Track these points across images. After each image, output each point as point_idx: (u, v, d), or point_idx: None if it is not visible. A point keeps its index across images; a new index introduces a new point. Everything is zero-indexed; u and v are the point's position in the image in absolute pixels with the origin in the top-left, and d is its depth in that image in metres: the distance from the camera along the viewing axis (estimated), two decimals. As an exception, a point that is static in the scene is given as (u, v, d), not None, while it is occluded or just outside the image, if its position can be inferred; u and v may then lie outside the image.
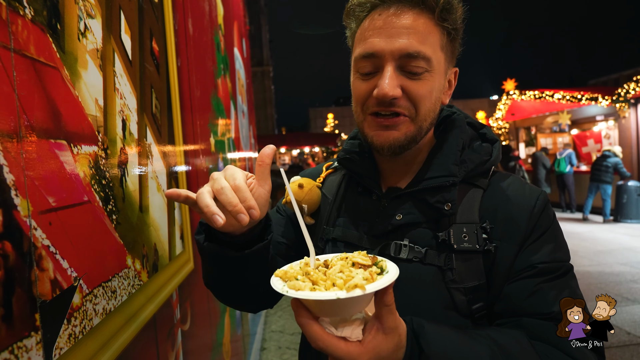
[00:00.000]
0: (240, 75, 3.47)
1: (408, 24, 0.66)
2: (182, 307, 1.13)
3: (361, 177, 0.79)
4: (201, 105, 1.61)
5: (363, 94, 0.70)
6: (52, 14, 0.55)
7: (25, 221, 0.46)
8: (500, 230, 0.69)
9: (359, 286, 0.47)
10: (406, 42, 0.65)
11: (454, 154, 0.74)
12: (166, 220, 1.03)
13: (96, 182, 0.64)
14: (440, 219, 0.71)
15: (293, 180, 0.84)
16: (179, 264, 1.12)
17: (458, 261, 0.68)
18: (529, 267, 0.67)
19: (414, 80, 0.67)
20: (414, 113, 0.69)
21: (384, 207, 0.75)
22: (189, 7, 1.50)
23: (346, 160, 0.81)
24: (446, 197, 0.70)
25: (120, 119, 0.77)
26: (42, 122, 0.51)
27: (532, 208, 0.70)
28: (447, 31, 0.69)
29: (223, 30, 2.49)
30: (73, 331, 0.54)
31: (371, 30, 0.68)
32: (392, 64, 0.66)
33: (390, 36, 0.66)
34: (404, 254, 0.70)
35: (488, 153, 0.76)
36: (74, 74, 0.60)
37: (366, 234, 0.75)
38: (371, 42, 0.67)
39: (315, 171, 0.91)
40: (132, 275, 0.77)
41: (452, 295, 0.67)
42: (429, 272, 0.69)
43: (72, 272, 0.55)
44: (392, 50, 0.66)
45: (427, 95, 0.68)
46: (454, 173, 0.71)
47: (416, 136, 0.71)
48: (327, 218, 0.82)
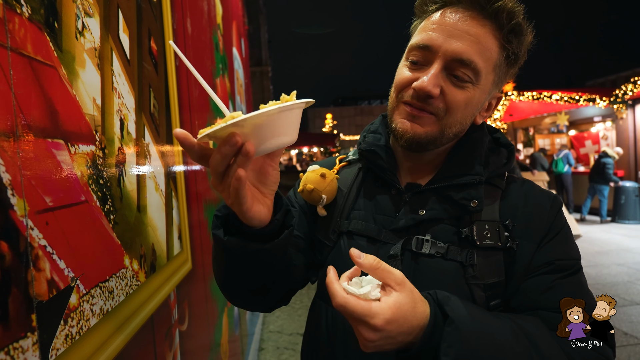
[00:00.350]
0: (239, 75, 3.46)
1: (472, 31, 0.66)
2: (180, 308, 1.12)
3: (383, 170, 0.79)
4: (200, 105, 1.60)
5: (404, 81, 0.70)
6: (49, 13, 0.54)
7: (22, 221, 0.45)
8: (520, 229, 0.70)
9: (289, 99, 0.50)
10: (462, 47, 0.65)
11: (480, 155, 0.75)
12: (164, 220, 1.02)
13: (93, 182, 0.64)
14: (462, 216, 0.71)
15: (312, 168, 0.82)
16: (177, 264, 1.11)
17: (479, 257, 0.68)
18: (547, 263, 0.69)
19: (456, 86, 0.67)
20: (442, 115, 0.69)
21: (406, 202, 0.75)
22: (187, 7, 1.50)
23: (369, 152, 0.80)
24: (472, 194, 0.71)
25: (118, 119, 0.77)
26: (39, 121, 0.51)
27: (549, 209, 0.72)
28: (507, 54, 0.69)
29: (222, 30, 2.48)
30: (70, 332, 0.53)
31: (435, 25, 0.68)
32: (441, 62, 0.66)
33: (450, 36, 0.66)
34: (426, 249, 0.70)
35: (505, 157, 0.78)
36: (72, 72, 0.60)
37: (385, 228, 0.75)
38: (430, 35, 0.68)
39: (329, 162, 0.90)
40: (130, 275, 0.76)
41: (472, 291, 0.68)
42: (450, 268, 0.69)
43: (69, 272, 0.54)
44: (446, 50, 0.66)
45: (461, 105, 0.68)
46: (480, 172, 0.72)
47: (437, 139, 0.71)
48: (340, 210, 0.81)
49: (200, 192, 1.51)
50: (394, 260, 0.70)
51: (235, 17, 3.47)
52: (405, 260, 0.71)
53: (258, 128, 0.49)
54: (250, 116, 0.47)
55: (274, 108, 0.48)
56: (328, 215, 0.82)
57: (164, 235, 1.01)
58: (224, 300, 1.87)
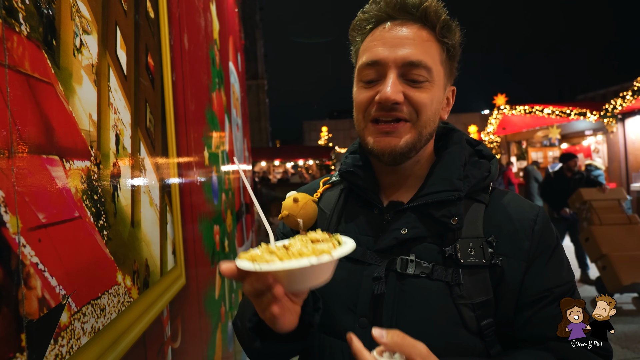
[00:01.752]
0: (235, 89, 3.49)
1: (411, 36, 0.70)
2: (173, 324, 1.11)
3: (364, 190, 0.79)
4: (195, 119, 1.61)
5: (365, 101, 0.72)
6: (48, 31, 0.55)
7: (14, 238, 0.45)
8: (505, 246, 0.70)
9: (326, 252, 0.53)
10: (409, 51, 0.69)
11: (458, 169, 0.74)
12: (158, 234, 1.02)
13: (88, 198, 0.63)
14: (445, 234, 0.71)
15: (289, 195, 0.84)
16: (170, 280, 1.10)
17: (465, 276, 0.68)
18: (546, 291, 0.69)
19: (415, 88, 0.70)
20: (415, 118, 0.70)
21: (388, 221, 0.75)
22: (185, 23, 1.52)
23: (348, 173, 0.81)
24: (452, 211, 0.70)
25: (114, 134, 0.77)
26: (35, 138, 0.51)
27: (534, 224, 0.72)
28: (447, 48, 0.73)
29: (218, 44, 2.51)
30: (60, 351, 0.52)
31: (376, 41, 0.71)
32: (394, 71, 0.69)
33: (393, 45, 0.69)
34: (411, 269, 0.69)
35: (487, 169, 0.77)
36: (68, 89, 0.60)
37: (369, 249, 0.74)
38: (375, 51, 0.70)
39: (312, 187, 0.91)
40: (122, 292, 0.75)
41: (460, 311, 0.67)
42: (436, 288, 0.68)
43: (60, 290, 0.54)
44: (395, 58, 0.69)
45: (428, 103, 0.71)
46: (459, 187, 0.72)
47: (416, 143, 0.72)
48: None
49: (195, 206, 1.51)
50: (378, 282, 0.69)
51: (232, 32, 3.52)
52: (391, 282, 0.70)
53: (291, 275, 0.53)
54: (284, 269, 0.51)
55: (307, 266, 0.51)
56: None
57: (157, 250, 1.00)
58: (218, 316, 1.84)
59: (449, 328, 0.67)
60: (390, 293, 0.70)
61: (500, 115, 11.19)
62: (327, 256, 0.51)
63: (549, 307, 0.68)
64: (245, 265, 0.53)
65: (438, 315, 0.67)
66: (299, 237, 0.60)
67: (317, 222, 0.83)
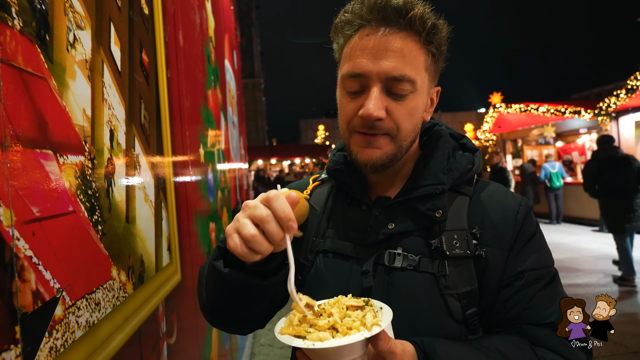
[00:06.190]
0: (230, 87, 3.48)
1: (395, 47, 0.67)
2: (169, 320, 1.11)
3: (351, 187, 0.80)
4: (191, 116, 1.61)
5: (349, 112, 0.72)
6: (41, 25, 0.55)
7: (8, 231, 0.45)
8: (488, 236, 0.72)
9: (376, 324, 0.55)
10: (392, 65, 0.67)
11: (442, 163, 0.76)
12: (153, 231, 1.02)
13: (82, 193, 0.64)
14: (431, 227, 0.73)
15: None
16: (165, 276, 1.10)
17: (451, 267, 0.69)
18: (520, 273, 0.70)
19: (398, 102, 0.69)
20: (395, 133, 0.71)
21: (376, 217, 0.76)
22: (179, 20, 1.52)
23: (335, 171, 0.82)
24: (437, 204, 0.72)
25: (108, 129, 0.77)
26: (28, 132, 0.51)
27: (516, 214, 0.73)
28: (432, 53, 0.72)
29: (214, 42, 2.51)
30: (54, 344, 0.53)
31: (359, 50, 0.69)
32: (378, 85, 0.68)
33: (377, 58, 0.67)
34: (398, 262, 0.71)
35: (471, 162, 0.79)
36: (62, 84, 0.60)
37: (358, 244, 0.75)
38: (359, 63, 0.69)
39: (302, 184, 0.92)
40: (117, 287, 0.76)
41: (447, 301, 0.69)
42: (423, 280, 0.70)
43: (55, 284, 0.54)
44: (378, 72, 0.67)
45: (409, 117, 0.71)
46: (443, 181, 0.73)
47: (397, 154, 0.73)
48: (316, 230, 0.82)
49: (191, 204, 1.51)
50: (366, 276, 0.71)
51: (227, 30, 3.51)
52: (379, 275, 0.72)
53: (325, 353, 0.55)
54: (319, 348, 0.53)
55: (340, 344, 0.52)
56: (304, 235, 0.83)
57: (152, 246, 1.00)
58: (214, 313, 1.84)
59: (436, 318, 0.69)
60: (378, 286, 0.71)
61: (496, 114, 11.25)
62: (377, 328, 0.54)
63: (523, 290, 0.69)
64: (296, 342, 0.55)
65: (425, 306, 0.69)
66: (331, 302, 0.62)
67: (308, 220, 0.84)
